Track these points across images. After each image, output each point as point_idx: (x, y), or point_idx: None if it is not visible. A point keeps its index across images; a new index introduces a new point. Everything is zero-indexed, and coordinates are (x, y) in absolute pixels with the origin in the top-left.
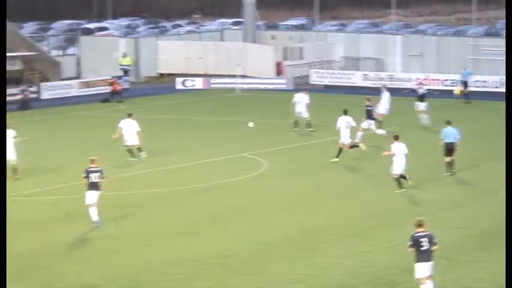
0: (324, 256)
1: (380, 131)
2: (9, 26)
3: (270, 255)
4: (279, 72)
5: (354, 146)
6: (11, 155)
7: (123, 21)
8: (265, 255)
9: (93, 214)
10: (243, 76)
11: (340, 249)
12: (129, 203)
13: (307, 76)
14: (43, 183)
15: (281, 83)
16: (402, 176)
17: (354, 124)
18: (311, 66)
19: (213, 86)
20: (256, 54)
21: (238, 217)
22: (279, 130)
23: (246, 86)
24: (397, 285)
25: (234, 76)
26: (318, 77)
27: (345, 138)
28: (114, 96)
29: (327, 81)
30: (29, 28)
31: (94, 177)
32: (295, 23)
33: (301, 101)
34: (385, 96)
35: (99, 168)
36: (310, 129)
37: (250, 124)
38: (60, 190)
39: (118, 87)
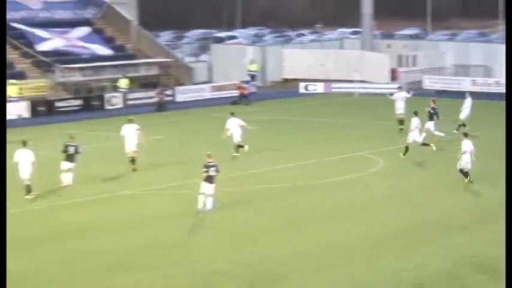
0: (432, 247)
1: (438, 133)
2: (147, 34)
3: (382, 246)
4: (394, 78)
5: (425, 144)
6: (132, 146)
7: (251, 31)
8: (377, 246)
9: (200, 202)
10: (360, 81)
11: (447, 241)
12: (251, 197)
13: (420, 82)
14: (176, 177)
15: (395, 87)
16: (462, 172)
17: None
18: (424, 72)
19: (333, 90)
20: (373, 61)
21: (353, 212)
22: (394, 131)
23: (363, 91)
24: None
25: (352, 81)
26: (430, 83)
27: (414, 138)
28: (242, 99)
29: (438, 87)
30: (165, 37)
31: (211, 171)
32: (409, 33)
33: (399, 97)
34: (468, 102)
35: (215, 163)
36: (401, 126)
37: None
38: (191, 185)
39: (245, 91)
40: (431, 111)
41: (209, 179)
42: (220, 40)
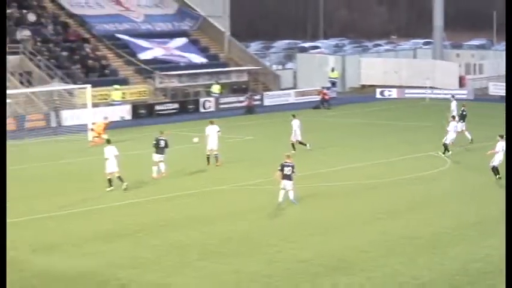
0: (496, 239)
1: (468, 134)
2: (238, 44)
3: (451, 238)
4: (462, 84)
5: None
6: (214, 145)
7: (332, 41)
8: (447, 238)
9: (281, 195)
10: (431, 88)
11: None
12: (331, 193)
13: (486, 88)
14: (264, 174)
15: (464, 93)
16: (495, 169)
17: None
18: (489, 79)
19: (406, 95)
20: (443, 69)
21: (427, 205)
22: (462, 133)
23: (434, 96)
24: None
25: (424, 87)
26: (495, 89)
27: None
28: (324, 103)
29: (502, 93)
30: (254, 47)
31: (286, 171)
32: (477, 43)
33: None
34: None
35: (292, 164)
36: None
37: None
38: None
39: (326, 97)
40: (464, 113)
41: (287, 177)
42: (304, 50)
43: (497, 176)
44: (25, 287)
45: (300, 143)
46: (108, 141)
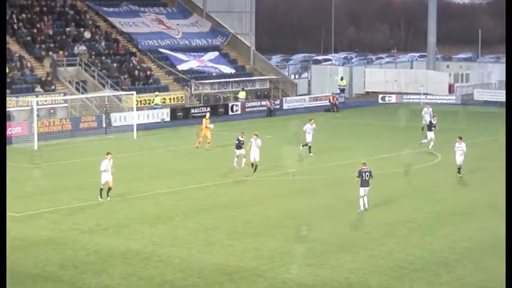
0: (481, 222)
1: (430, 143)
2: (262, 57)
3: (440, 221)
4: (451, 91)
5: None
6: (256, 155)
7: (342, 55)
8: (436, 222)
9: (360, 204)
10: (425, 94)
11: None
12: (333, 183)
13: (471, 94)
14: (278, 167)
15: (452, 99)
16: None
17: None
18: (474, 87)
19: (404, 100)
20: (435, 78)
21: (419, 193)
22: (450, 132)
23: (427, 101)
24: None
25: (419, 94)
26: (479, 95)
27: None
28: (334, 107)
29: (485, 98)
30: (275, 59)
31: (365, 176)
32: (464, 56)
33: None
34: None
35: (368, 169)
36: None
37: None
38: (296, 173)
39: (336, 101)
40: (432, 122)
41: (365, 183)
42: (318, 62)
43: (459, 175)
44: (82, 263)
45: (305, 145)
46: (108, 154)
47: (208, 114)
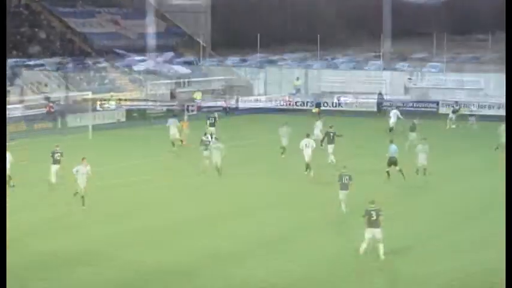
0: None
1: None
2: (218, 58)
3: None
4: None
5: None
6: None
7: (298, 55)
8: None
9: (363, 246)
10: (380, 94)
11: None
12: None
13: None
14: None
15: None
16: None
17: None
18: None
19: (360, 101)
20: (391, 79)
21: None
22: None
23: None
24: None
25: (374, 93)
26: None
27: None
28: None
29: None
30: (232, 60)
31: (373, 216)
32: (420, 56)
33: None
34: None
35: (376, 208)
36: None
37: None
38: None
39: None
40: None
41: (374, 224)
42: (274, 62)
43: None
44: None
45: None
46: (83, 159)
47: (186, 117)
